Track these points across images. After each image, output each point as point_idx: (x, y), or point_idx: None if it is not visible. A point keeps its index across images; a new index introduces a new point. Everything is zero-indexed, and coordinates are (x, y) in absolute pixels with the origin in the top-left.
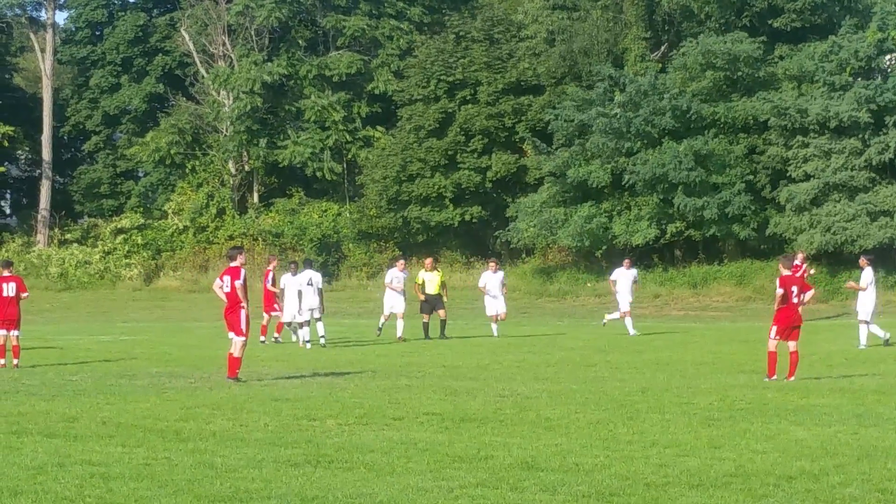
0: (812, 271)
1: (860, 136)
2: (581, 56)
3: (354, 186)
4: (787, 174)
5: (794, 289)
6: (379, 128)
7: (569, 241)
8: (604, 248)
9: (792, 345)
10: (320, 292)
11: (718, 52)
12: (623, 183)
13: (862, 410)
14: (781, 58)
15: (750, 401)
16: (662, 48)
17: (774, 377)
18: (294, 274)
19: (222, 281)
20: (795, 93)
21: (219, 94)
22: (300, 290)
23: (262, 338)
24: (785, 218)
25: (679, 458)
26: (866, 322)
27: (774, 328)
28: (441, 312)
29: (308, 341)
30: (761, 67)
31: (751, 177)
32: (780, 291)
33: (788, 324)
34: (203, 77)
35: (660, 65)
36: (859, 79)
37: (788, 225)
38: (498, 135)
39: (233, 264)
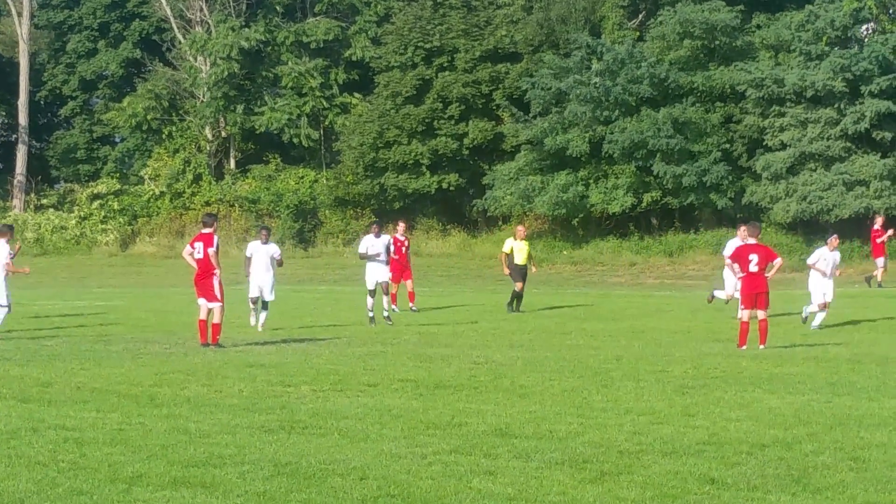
0: (890, 232)
1: (836, 105)
2: (559, 24)
3: (331, 153)
4: (764, 143)
5: (754, 257)
6: (356, 94)
7: (546, 209)
8: (580, 216)
9: (760, 313)
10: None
11: (696, 21)
12: (602, 152)
13: (835, 379)
14: (759, 27)
15: (724, 369)
16: (640, 16)
17: (745, 347)
18: (265, 242)
19: (193, 247)
20: (772, 62)
21: (196, 59)
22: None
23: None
24: (761, 187)
25: (653, 426)
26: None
27: (740, 298)
28: (519, 285)
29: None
30: (738, 37)
31: (727, 146)
32: (728, 262)
33: (751, 291)
34: (180, 43)
35: (637, 33)
36: (836, 48)
37: (764, 194)
38: (475, 102)
39: (205, 231)
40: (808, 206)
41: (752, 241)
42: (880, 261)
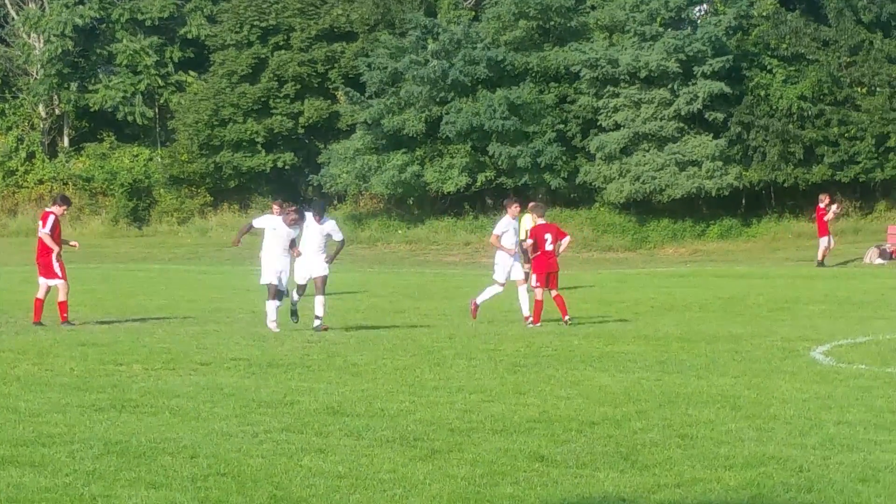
0: (839, 210)
1: (670, 86)
2: (394, 3)
3: (166, 131)
4: (598, 124)
5: (548, 236)
6: (191, 72)
7: (382, 188)
8: (416, 195)
9: (553, 292)
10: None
11: (531, 2)
12: (438, 132)
13: (665, 357)
14: (593, 7)
15: (556, 348)
16: None
17: (539, 324)
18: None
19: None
20: (606, 43)
21: (29, 36)
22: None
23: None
24: (595, 167)
25: (484, 404)
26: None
27: (534, 276)
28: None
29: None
30: (573, 17)
31: (562, 126)
32: (529, 242)
33: (546, 269)
34: (13, 19)
35: (473, 13)
36: (669, 29)
37: (598, 174)
38: (311, 81)
39: (49, 209)
40: (642, 187)
41: (541, 220)
42: (824, 240)
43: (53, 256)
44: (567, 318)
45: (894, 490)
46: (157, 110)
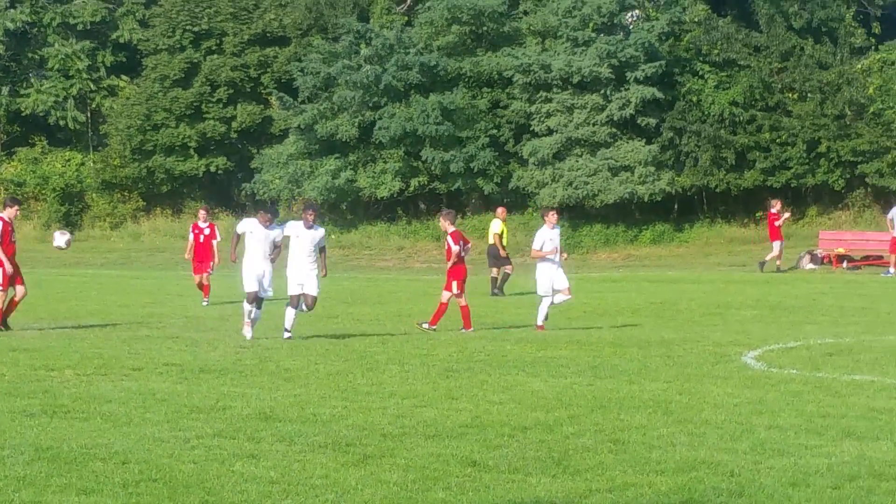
0: (789, 216)
1: (602, 91)
2: (327, 8)
3: (98, 136)
4: (531, 129)
5: (462, 243)
6: (124, 77)
7: (315, 193)
8: (349, 200)
9: (462, 300)
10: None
11: (464, 7)
12: (371, 137)
13: (598, 362)
14: (526, 13)
15: (489, 353)
16: (408, 2)
17: (472, 329)
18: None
19: None
20: (539, 48)
21: None
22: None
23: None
24: (528, 172)
25: (416, 409)
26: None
27: (455, 282)
28: (510, 267)
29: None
30: (506, 22)
31: (495, 131)
32: (456, 248)
33: (465, 276)
34: None
35: (406, 18)
36: (602, 34)
37: (531, 179)
38: (243, 86)
39: None
40: (574, 192)
41: (452, 228)
42: (777, 244)
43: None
44: (471, 329)
45: (824, 494)
46: (89, 115)
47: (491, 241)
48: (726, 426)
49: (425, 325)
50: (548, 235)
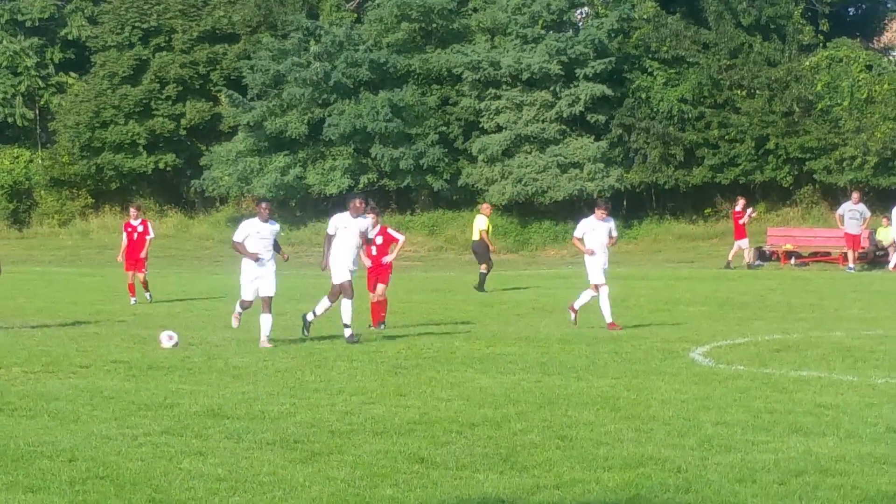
0: (753, 214)
1: (551, 88)
2: (276, 4)
3: (47, 133)
4: (480, 126)
5: (380, 239)
6: (72, 74)
7: (265, 190)
8: (298, 197)
9: (379, 293)
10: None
11: (413, 4)
12: (320, 134)
13: (546, 359)
14: (475, 10)
15: (437, 349)
16: None
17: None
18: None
19: None
20: (489, 45)
21: None
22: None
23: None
24: (477, 169)
25: (365, 406)
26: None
27: (379, 278)
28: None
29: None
30: (455, 19)
31: (444, 128)
32: (402, 238)
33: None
34: None
35: (355, 15)
36: (551, 31)
37: (480, 176)
38: (192, 83)
39: None
40: (524, 189)
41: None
42: (743, 242)
43: None
44: (376, 327)
45: (771, 490)
46: (37, 112)
47: (476, 237)
48: (674, 422)
49: (373, 327)
50: (590, 226)
